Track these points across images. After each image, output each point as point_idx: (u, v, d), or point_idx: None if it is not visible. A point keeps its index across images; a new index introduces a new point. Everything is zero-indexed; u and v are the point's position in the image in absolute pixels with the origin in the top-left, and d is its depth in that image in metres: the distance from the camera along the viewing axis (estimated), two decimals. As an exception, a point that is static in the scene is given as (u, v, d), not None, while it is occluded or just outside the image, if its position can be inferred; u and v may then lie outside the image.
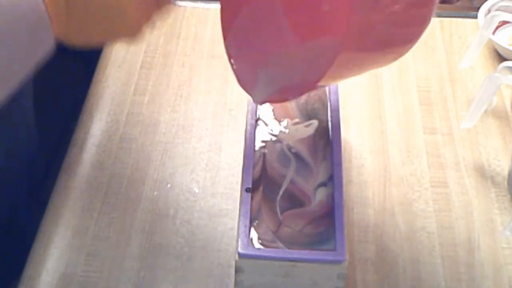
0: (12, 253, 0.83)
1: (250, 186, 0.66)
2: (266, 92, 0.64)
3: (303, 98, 0.75)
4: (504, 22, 0.96)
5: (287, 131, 0.72)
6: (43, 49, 0.55)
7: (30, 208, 0.91)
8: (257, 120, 0.73)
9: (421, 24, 0.60)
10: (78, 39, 0.57)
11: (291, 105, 0.74)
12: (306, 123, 0.73)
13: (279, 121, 0.73)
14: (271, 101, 0.68)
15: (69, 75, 1.05)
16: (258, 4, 0.62)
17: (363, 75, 0.93)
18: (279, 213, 0.65)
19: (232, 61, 0.65)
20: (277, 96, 0.64)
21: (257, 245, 0.63)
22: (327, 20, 0.57)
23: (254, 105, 0.74)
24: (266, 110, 0.74)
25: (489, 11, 0.95)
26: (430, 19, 0.60)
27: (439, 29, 0.99)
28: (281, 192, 0.67)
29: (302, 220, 0.65)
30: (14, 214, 0.90)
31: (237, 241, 0.63)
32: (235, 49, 0.65)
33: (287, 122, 0.73)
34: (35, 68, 0.55)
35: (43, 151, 0.94)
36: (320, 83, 0.57)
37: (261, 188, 0.67)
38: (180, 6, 1.03)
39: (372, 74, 0.92)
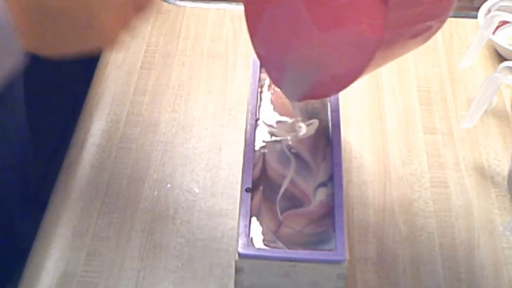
0: (11, 254, 0.83)
1: (250, 186, 0.66)
2: (299, 88, 0.64)
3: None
4: (504, 22, 0.96)
5: (287, 130, 0.72)
6: (11, 62, 0.53)
7: (30, 208, 0.91)
8: (257, 120, 0.73)
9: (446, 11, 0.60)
10: (53, 50, 0.56)
11: (292, 105, 0.74)
12: (307, 122, 0.73)
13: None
14: (309, 98, 0.66)
15: (69, 75, 1.05)
16: (280, 2, 0.61)
17: (363, 76, 0.93)
18: (279, 213, 0.65)
19: (261, 60, 0.65)
20: (314, 92, 0.63)
21: (257, 245, 0.63)
22: (349, 13, 0.57)
23: (254, 105, 0.74)
24: (266, 110, 0.74)
25: (489, 11, 0.95)
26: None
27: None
28: (281, 192, 0.67)
29: (302, 220, 0.65)
30: (14, 214, 0.90)
31: (237, 241, 0.63)
32: (263, 48, 0.65)
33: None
34: (4, 80, 0.54)
35: (42, 151, 0.94)
36: (361, 76, 0.57)
37: (261, 188, 0.67)
38: (180, 6, 1.03)
39: (372, 74, 0.92)
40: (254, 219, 0.65)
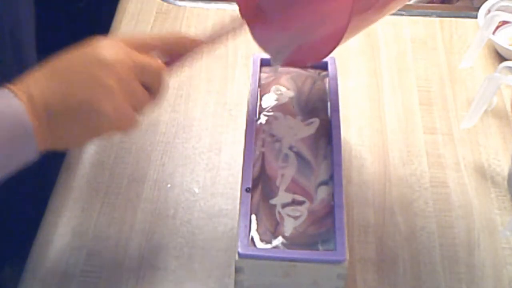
0: (12, 254, 0.83)
1: (250, 186, 0.66)
2: (283, 51, 0.66)
3: (304, 96, 0.75)
4: (504, 22, 0.96)
5: (288, 130, 0.72)
6: (25, 159, 0.57)
7: (30, 207, 0.91)
8: (257, 120, 0.73)
9: None
10: (64, 145, 0.61)
11: (292, 104, 0.74)
12: (307, 121, 0.73)
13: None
14: (290, 63, 0.69)
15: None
16: None
17: (363, 76, 0.93)
18: (277, 212, 0.65)
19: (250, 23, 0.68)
20: (295, 57, 0.66)
21: (257, 245, 0.63)
22: None
23: (254, 105, 0.74)
24: (266, 109, 0.74)
25: (489, 11, 0.95)
26: None
27: (439, 29, 0.99)
28: (280, 192, 0.67)
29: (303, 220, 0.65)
30: (14, 214, 0.90)
31: (237, 241, 0.63)
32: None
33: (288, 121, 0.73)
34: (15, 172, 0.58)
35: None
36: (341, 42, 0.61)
37: (259, 187, 0.67)
38: (180, 6, 1.03)
39: (372, 74, 0.92)
40: (253, 218, 0.65)
